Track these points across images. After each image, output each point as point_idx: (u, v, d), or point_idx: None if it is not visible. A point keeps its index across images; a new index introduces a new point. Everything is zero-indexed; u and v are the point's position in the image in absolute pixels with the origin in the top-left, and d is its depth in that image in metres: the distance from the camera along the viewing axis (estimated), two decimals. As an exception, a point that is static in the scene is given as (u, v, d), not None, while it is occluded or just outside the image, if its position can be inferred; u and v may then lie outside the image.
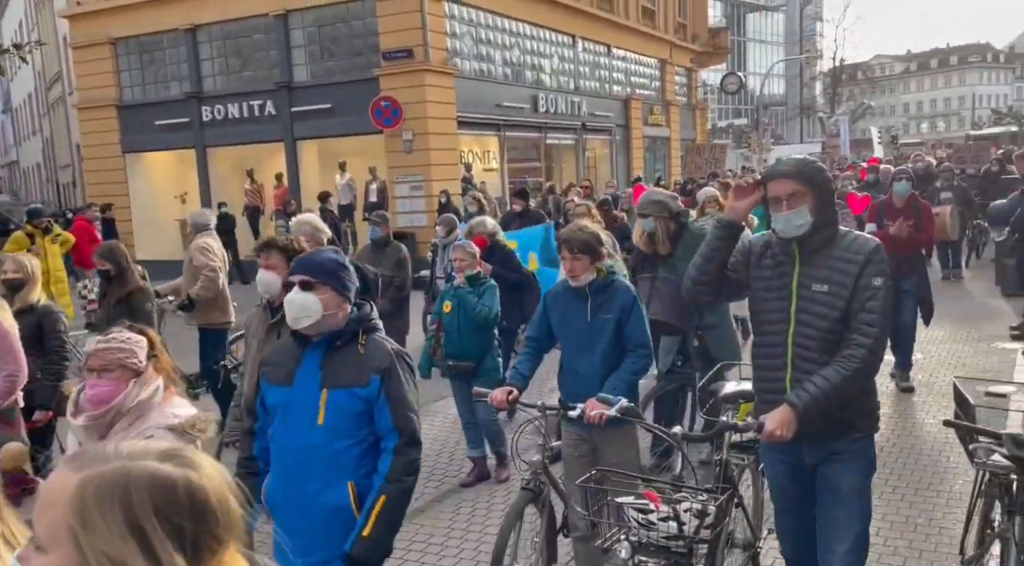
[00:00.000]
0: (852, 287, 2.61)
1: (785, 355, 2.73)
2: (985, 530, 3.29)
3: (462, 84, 16.61)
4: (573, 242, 3.47)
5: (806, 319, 2.68)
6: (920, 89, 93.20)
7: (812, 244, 2.67)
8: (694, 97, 30.73)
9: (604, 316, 3.53)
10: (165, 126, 18.07)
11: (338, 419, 2.51)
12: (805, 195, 2.63)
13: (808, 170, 2.69)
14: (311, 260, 2.66)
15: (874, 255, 2.64)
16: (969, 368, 7.33)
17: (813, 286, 2.65)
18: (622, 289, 3.59)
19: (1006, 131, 37.34)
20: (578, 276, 3.49)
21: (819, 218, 2.65)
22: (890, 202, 6.79)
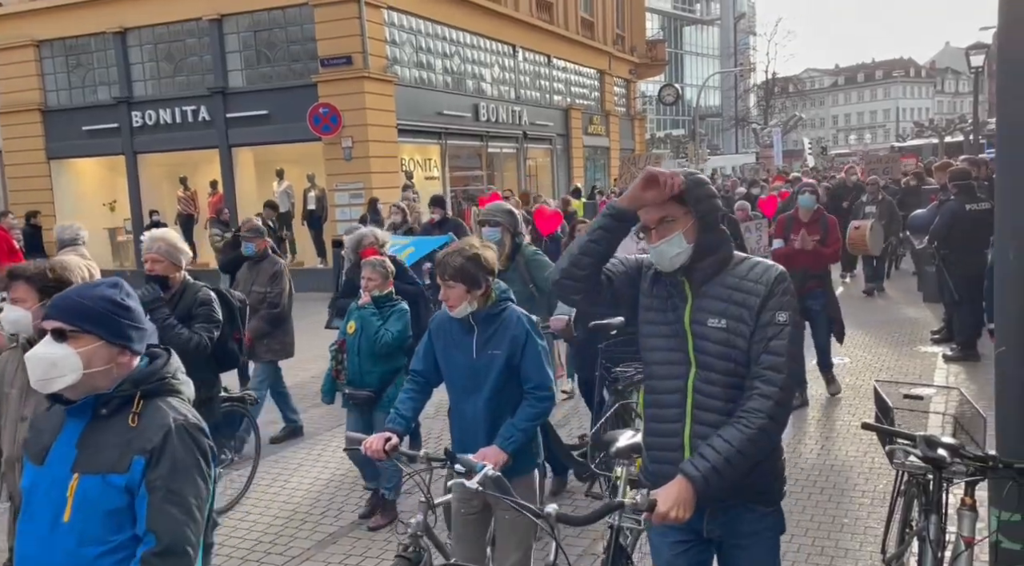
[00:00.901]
0: (753, 323, 2.21)
1: (683, 405, 2.30)
2: (905, 529, 3.41)
3: (402, 92, 16.54)
4: (445, 267, 2.98)
5: (707, 361, 2.27)
6: (848, 102, 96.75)
7: (701, 274, 2.28)
8: (633, 108, 31.25)
9: (492, 351, 3.04)
10: (93, 132, 17.50)
11: (88, 517, 1.87)
12: (678, 219, 2.24)
13: (688, 185, 2.24)
14: (69, 300, 1.98)
15: (777, 285, 2.22)
16: (892, 371, 7.61)
17: (709, 321, 2.25)
18: (514, 319, 3.07)
19: (928, 143, 39.04)
20: (454, 306, 3.01)
21: (701, 244, 2.25)
22: (796, 216, 6.76)
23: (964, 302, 7.84)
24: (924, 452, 2.65)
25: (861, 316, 10.46)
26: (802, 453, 5.57)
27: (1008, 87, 2.94)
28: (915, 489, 3.20)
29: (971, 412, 3.23)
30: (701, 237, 2.26)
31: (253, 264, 6.32)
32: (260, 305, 6.09)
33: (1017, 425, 2.97)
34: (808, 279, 6.45)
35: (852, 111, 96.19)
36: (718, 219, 2.30)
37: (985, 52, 20.13)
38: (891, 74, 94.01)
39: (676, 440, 2.31)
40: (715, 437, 2.19)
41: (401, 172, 16.66)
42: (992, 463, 2.60)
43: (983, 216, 7.40)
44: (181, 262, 4.16)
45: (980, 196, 7.80)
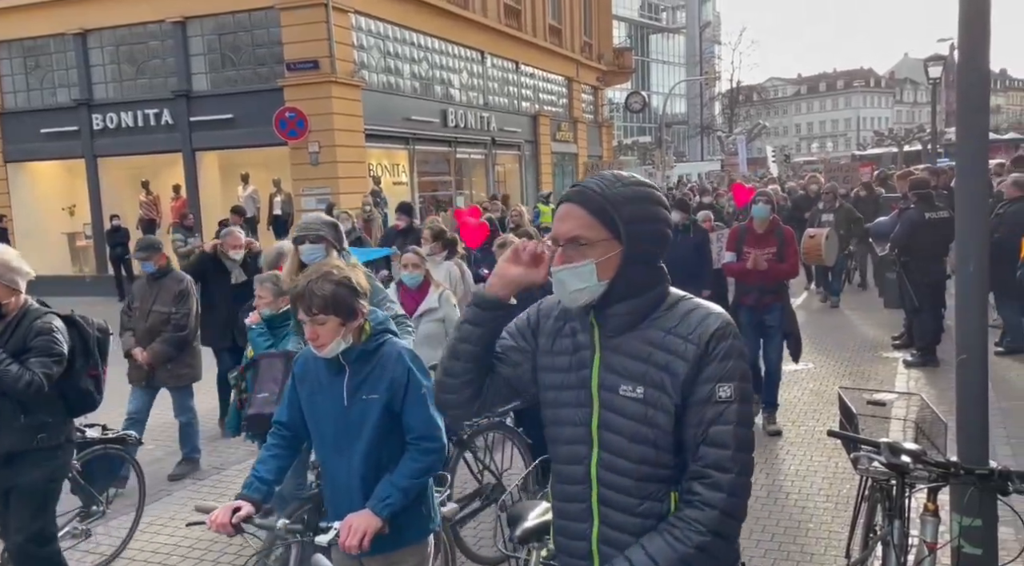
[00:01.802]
0: (679, 396, 1.66)
1: (588, 498, 1.77)
2: (869, 534, 3.46)
3: (370, 97, 16.45)
4: (311, 297, 2.40)
5: (614, 443, 1.71)
6: (810, 111, 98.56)
7: (617, 322, 1.72)
8: (600, 115, 31.46)
9: (367, 396, 2.51)
10: (52, 134, 17.14)
11: None
12: (595, 244, 1.66)
13: (610, 196, 1.66)
14: None
15: (716, 344, 1.65)
16: (856, 377, 7.74)
17: (621, 387, 1.70)
18: (393, 356, 2.54)
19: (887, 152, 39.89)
20: (325, 345, 2.45)
21: (623, 283, 1.68)
22: (751, 228, 6.33)
23: (924, 308, 8.00)
24: (887, 458, 2.69)
25: (825, 321, 10.62)
26: (768, 459, 5.63)
27: (967, 99, 3.00)
28: (879, 494, 3.24)
29: (932, 417, 3.29)
30: (625, 273, 1.68)
31: (153, 281, 5.79)
32: (163, 326, 5.66)
33: (977, 432, 3.02)
34: (764, 294, 6.20)
35: (814, 120, 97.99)
36: (658, 253, 1.71)
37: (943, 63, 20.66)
38: (852, 84, 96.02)
39: (582, 545, 1.79)
40: (636, 548, 1.66)
41: (369, 177, 16.56)
42: (953, 469, 2.64)
43: (942, 224, 7.57)
44: (18, 284, 3.51)
45: (939, 205, 7.98)
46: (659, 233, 1.71)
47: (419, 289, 5.10)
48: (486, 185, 22.23)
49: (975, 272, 2.97)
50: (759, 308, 6.20)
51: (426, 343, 4.79)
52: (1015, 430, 5.83)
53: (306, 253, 3.99)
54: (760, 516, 4.74)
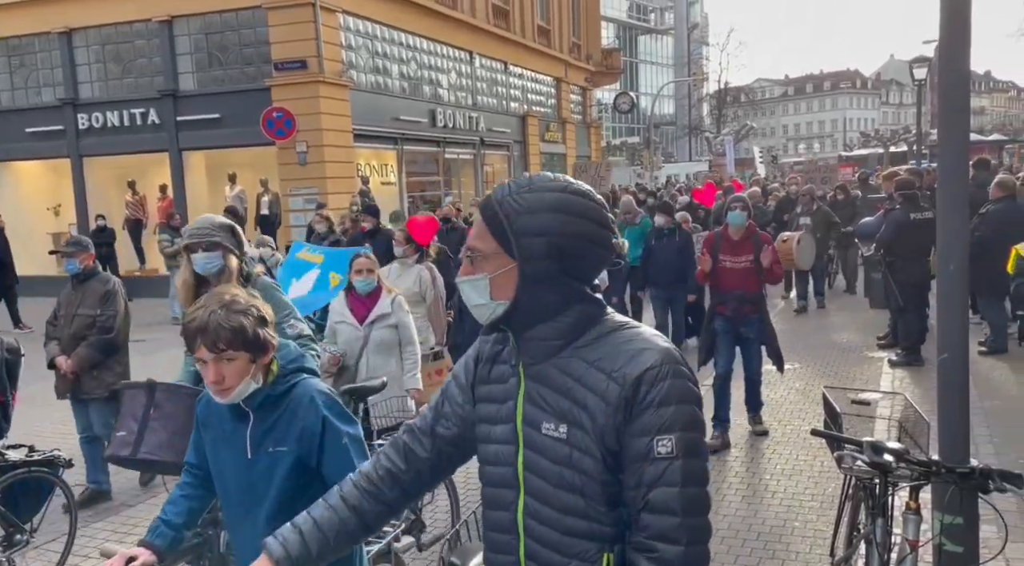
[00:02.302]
0: (605, 443, 1.43)
1: (516, 549, 1.55)
2: (852, 532, 3.49)
3: (358, 97, 16.42)
4: (217, 332, 1.99)
5: (538, 487, 1.50)
6: (797, 112, 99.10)
7: (536, 348, 1.51)
8: (589, 115, 31.52)
9: (275, 448, 2.12)
10: (37, 134, 16.98)
11: None
12: (488, 256, 1.48)
13: (506, 204, 1.47)
14: None
15: (651, 386, 1.40)
16: (840, 376, 7.79)
17: (543, 424, 1.48)
18: (305, 401, 2.15)
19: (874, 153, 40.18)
20: (231, 389, 2.05)
21: (527, 302, 1.47)
22: (726, 234, 6.00)
23: (909, 308, 8.07)
24: (870, 457, 2.71)
25: (810, 322, 10.69)
26: (753, 457, 5.66)
27: (949, 101, 3.03)
28: (862, 493, 3.26)
29: (915, 417, 3.31)
30: (526, 293, 1.46)
31: (78, 283, 5.32)
32: (88, 331, 5.20)
33: (958, 430, 3.06)
34: (743, 304, 5.91)
35: (801, 121, 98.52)
36: (568, 270, 1.46)
37: (928, 65, 20.81)
38: (838, 85, 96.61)
39: None
40: None
41: (357, 177, 16.52)
42: (935, 468, 2.66)
43: (926, 224, 7.64)
44: None
45: (924, 205, 8.05)
46: (566, 248, 1.43)
47: (371, 295, 4.88)
48: (474, 185, 22.23)
49: (956, 272, 3.00)
50: (736, 319, 5.94)
51: (378, 351, 4.69)
52: (998, 429, 5.89)
53: (200, 262, 3.44)
54: (746, 515, 4.77)
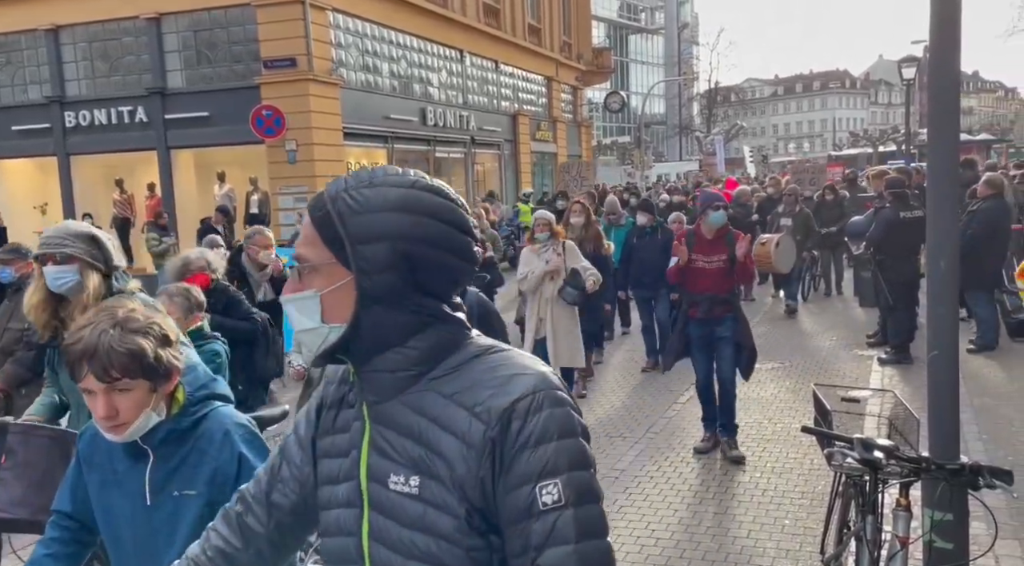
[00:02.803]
0: (469, 499, 1.14)
1: None
2: (843, 529, 3.49)
3: (348, 95, 16.36)
4: (109, 356, 1.65)
5: (385, 561, 1.20)
6: (787, 112, 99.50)
7: (378, 377, 1.21)
8: (579, 114, 31.54)
9: (181, 492, 1.80)
10: (23, 132, 16.86)
11: None
12: (320, 268, 1.19)
13: (340, 202, 1.18)
14: None
15: (524, 419, 1.13)
16: (830, 374, 7.81)
17: (391, 478, 1.19)
18: (218, 436, 1.83)
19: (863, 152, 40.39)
20: (127, 425, 1.71)
21: (366, 321, 1.18)
22: (699, 233, 5.76)
23: (898, 306, 8.10)
24: (860, 454, 2.71)
25: (800, 320, 10.72)
26: (744, 455, 5.66)
27: (938, 101, 3.04)
28: (852, 490, 3.27)
29: (905, 414, 3.32)
30: (366, 314, 1.17)
31: (13, 293, 4.74)
32: (16, 345, 4.64)
33: (948, 427, 3.06)
34: (715, 305, 5.66)
35: (791, 121, 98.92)
36: (420, 284, 1.17)
37: (916, 65, 20.92)
38: (828, 85, 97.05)
39: None
40: None
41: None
42: (925, 464, 2.67)
43: (916, 223, 7.66)
44: None
45: (914, 204, 8.08)
46: (415, 257, 1.15)
47: None
48: (465, 184, 22.20)
49: (946, 269, 3.01)
50: (710, 319, 5.69)
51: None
52: (987, 426, 5.92)
53: (51, 277, 2.88)
54: (736, 512, 4.77)
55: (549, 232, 6.68)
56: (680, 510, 4.86)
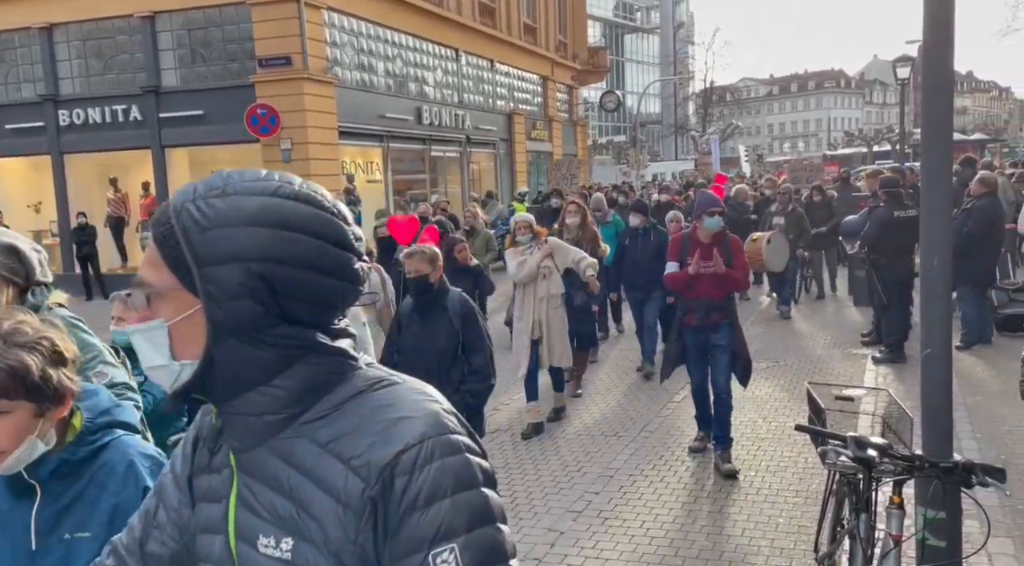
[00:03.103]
0: (344, 559, 0.98)
1: None
2: (836, 528, 3.50)
3: (343, 94, 16.34)
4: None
5: None
6: (782, 111, 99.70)
7: (241, 421, 1.05)
8: (575, 113, 31.53)
9: (73, 535, 1.58)
10: (16, 130, 16.78)
11: None
12: (169, 290, 1.02)
13: (186, 215, 1.00)
14: None
15: (411, 475, 0.97)
16: (825, 373, 7.83)
17: (260, 538, 1.04)
18: (121, 470, 1.60)
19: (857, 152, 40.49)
20: (4, 455, 1.49)
21: (220, 357, 1.01)
22: (695, 237, 5.58)
23: (892, 305, 8.12)
24: (854, 452, 2.71)
25: (794, 319, 10.74)
26: (738, 454, 5.67)
27: (932, 101, 3.05)
28: (846, 488, 3.28)
29: (899, 413, 3.33)
30: (225, 345, 1.01)
31: None
32: None
33: (942, 425, 3.07)
34: (712, 311, 5.51)
35: (786, 120, 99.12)
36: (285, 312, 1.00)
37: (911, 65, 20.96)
38: (823, 85, 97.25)
39: None
40: None
41: (342, 175, 16.45)
42: (918, 463, 2.68)
43: (910, 222, 7.69)
44: None
45: (908, 204, 8.10)
46: (276, 280, 0.99)
47: None
48: (461, 183, 22.19)
49: (940, 268, 3.02)
50: (705, 326, 5.54)
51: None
52: (980, 425, 5.94)
53: None
54: (730, 511, 4.78)
55: (531, 234, 6.68)
56: (675, 508, 4.87)
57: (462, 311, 4.57)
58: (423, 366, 4.23)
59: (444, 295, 4.62)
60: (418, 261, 4.53)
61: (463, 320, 4.56)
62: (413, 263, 4.53)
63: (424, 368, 4.12)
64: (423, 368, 4.08)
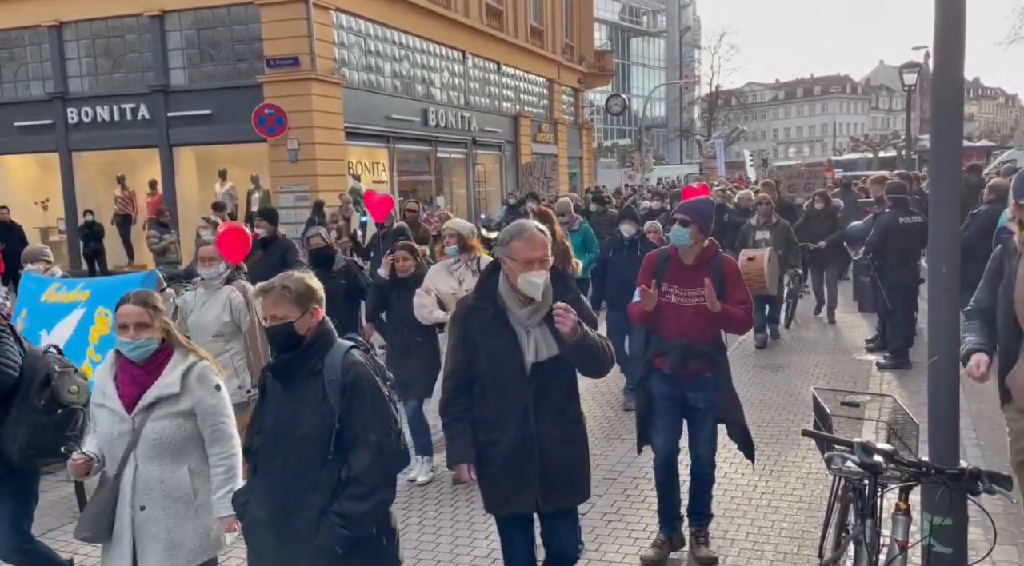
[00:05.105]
0: None
1: None
2: (841, 533, 3.50)
3: (350, 95, 16.38)
4: None
5: None
6: (788, 116, 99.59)
7: None
8: (580, 116, 31.55)
9: None
10: (25, 128, 16.87)
11: None
12: None
13: None
14: None
15: None
16: (829, 378, 7.83)
17: None
18: None
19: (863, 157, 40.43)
20: None
21: None
22: (675, 257, 4.17)
23: (897, 312, 8.11)
24: (860, 458, 2.72)
25: (798, 325, 10.72)
26: (742, 458, 5.66)
27: (942, 109, 3.05)
28: (851, 494, 3.28)
29: (904, 419, 3.33)
30: None
31: None
32: None
33: (948, 432, 3.08)
34: (689, 358, 4.05)
35: (792, 125, 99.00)
36: None
37: (917, 70, 20.95)
38: (829, 90, 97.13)
39: None
40: None
41: (348, 175, 16.50)
42: (925, 469, 2.68)
43: (916, 229, 7.69)
44: None
45: (913, 210, 8.10)
46: None
47: (151, 361, 3.05)
48: (466, 185, 22.22)
49: (947, 274, 3.02)
50: (682, 378, 4.10)
51: (156, 455, 2.97)
52: (985, 433, 5.93)
53: None
54: (734, 516, 4.78)
55: (458, 245, 5.36)
56: (679, 512, 4.86)
57: (344, 379, 2.73)
58: (279, 465, 2.73)
59: (320, 352, 2.78)
60: (275, 301, 2.76)
61: (344, 392, 2.73)
62: (268, 304, 2.77)
63: (280, 469, 2.73)
64: (279, 469, 2.73)
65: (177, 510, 2.99)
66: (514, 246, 3.15)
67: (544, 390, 3.19)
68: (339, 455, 2.69)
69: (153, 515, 2.96)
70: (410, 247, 5.79)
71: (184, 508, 3.00)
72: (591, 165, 32.48)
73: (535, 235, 3.15)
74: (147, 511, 2.96)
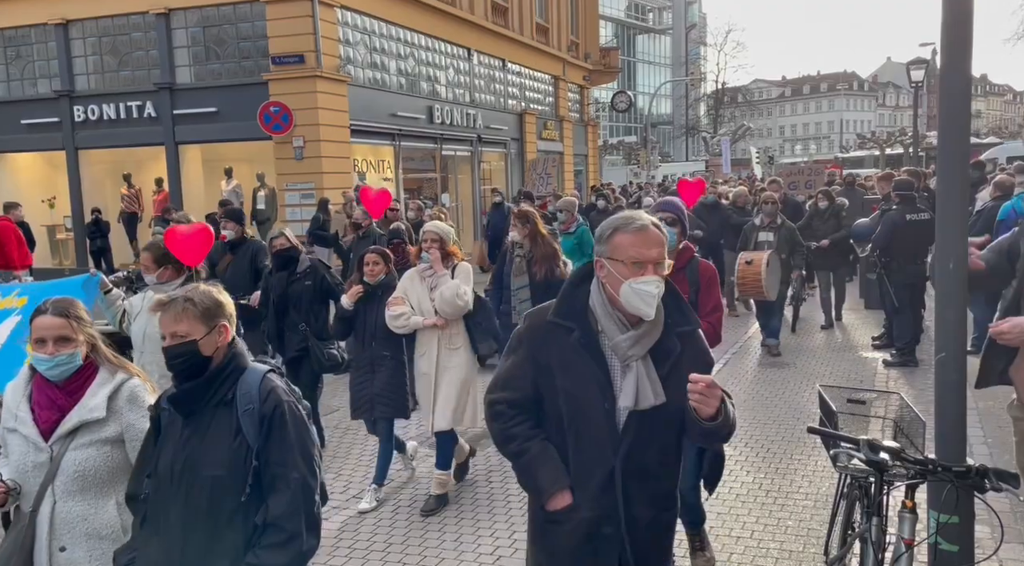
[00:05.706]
0: None
1: None
2: (847, 531, 3.49)
3: (356, 92, 16.39)
4: None
5: None
6: (794, 113, 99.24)
7: None
8: (586, 114, 31.50)
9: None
10: (32, 125, 16.92)
11: None
12: None
13: None
14: None
15: None
16: (835, 376, 7.81)
17: None
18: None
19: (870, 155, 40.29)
20: None
21: None
22: None
23: (904, 309, 8.09)
24: (867, 455, 2.71)
25: (804, 321, 10.70)
26: (748, 456, 5.66)
27: (949, 106, 3.04)
28: (857, 492, 3.27)
29: (911, 416, 3.32)
30: None
31: None
32: None
33: (955, 429, 3.07)
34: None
35: (798, 122, 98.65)
36: None
37: (924, 67, 20.85)
38: (835, 87, 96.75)
39: None
40: None
41: (354, 173, 16.51)
42: (931, 466, 2.67)
43: (923, 226, 7.66)
44: None
45: (921, 207, 8.07)
46: None
47: (73, 380, 2.65)
48: (472, 182, 22.22)
49: (955, 270, 3.01)
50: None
51: (77, 490, 2.59)
52: (991, 430, 5.91)
53: None
54: (740, 514, 4.78)
55: (440, 251, 5.03)
56: (684, 510, 4.86)
57: (263, 409, 2.33)
58: (179, 514, 2.31)
59: (231, 378, 2.38)
60: (175, 316, 2.34)
61: (263, 423, 2.33)
62: (168, 320, 2.35)
63: (180, 518, 2.30)
64: (179, 518, 2.30)
65: (103, 551, 2.55)
66: (618, 240, 2.29)
67: (640, 451, 2.31)
68: (255, 497, 2.26)
69: (75, 558, 2.55)
70: (382, 252, 5.38)
71: (111, 548, 2.51)
72: (596, 162, 32.43)
73: (649, 228, 2.29)
74: (68, 553, 2.55)
